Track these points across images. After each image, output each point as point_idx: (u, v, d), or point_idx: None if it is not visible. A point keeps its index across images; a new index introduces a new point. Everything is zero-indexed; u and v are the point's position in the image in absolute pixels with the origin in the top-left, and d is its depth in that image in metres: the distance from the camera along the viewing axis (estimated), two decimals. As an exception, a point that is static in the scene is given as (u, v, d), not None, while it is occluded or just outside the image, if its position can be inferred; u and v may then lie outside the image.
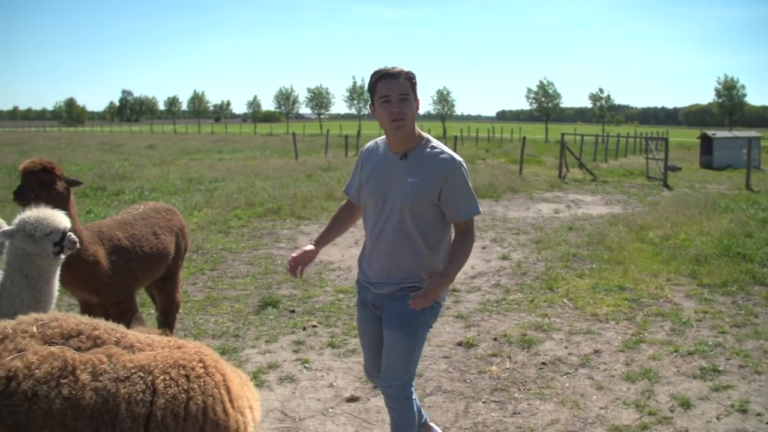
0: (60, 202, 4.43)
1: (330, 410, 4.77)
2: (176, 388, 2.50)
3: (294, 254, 3.48)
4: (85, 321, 2.71)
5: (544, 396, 4.96)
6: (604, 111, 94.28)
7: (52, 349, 2.48)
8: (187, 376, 2.55)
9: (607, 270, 8.66)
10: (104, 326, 2.71)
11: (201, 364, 2.62)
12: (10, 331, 2.57)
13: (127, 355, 2.56)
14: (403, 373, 3.46)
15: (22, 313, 3.57)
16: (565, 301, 7.37)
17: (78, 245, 3.88)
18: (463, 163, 3.32)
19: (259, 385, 5.05)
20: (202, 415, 2.52)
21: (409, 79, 3.21)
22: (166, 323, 5.80)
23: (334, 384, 5.18)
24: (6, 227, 3.78)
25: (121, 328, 2.78)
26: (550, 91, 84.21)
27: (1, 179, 19.14)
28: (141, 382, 2.47)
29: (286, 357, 5.69)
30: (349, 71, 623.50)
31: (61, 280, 4.02)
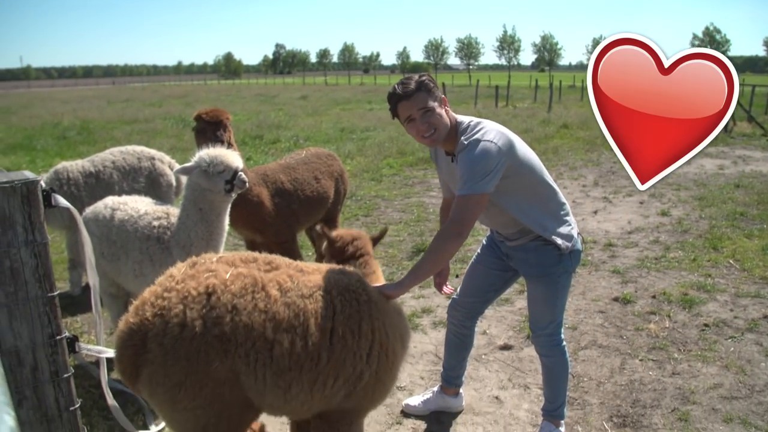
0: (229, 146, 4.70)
1: (483, 356, 4.83)
2: (351, 309, 2.73)
3: (436, 279, 3.72)
4: (257, 253, 2.94)
5: (707, 359, 4.74)
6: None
7: (241, 269, 2.70)
8: (357, 300, 2.76)
9: (779, 231, 8.05)
10: (274, 255, 2.95)
11: (365, 292, 2.82)
12: (197, 258, 2.80)
13: (304, 276, 2.77)
14: (549, 323, 3.49)
15: (197, 245, 3.90)
16: (731, 261, 6.94)
17: (247, 185, 4.09)
18: (480, 143, 3.00)
19: (414, 328, 5.19)
20: (371, 335, 2.74)
21: (425, 88, 3.07)
22: (325, 265, 6.06)
23: (488, 331, 5.22)
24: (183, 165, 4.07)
25: (287, 258, 2.98)
26: (717, 37, 77.55)
27: (170, 128, 20.55)
28: (322, 300, 2.68)
29: (440, 302, 5.78)
30: (500, 21, 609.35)
31: (229, 219, 4.28)
